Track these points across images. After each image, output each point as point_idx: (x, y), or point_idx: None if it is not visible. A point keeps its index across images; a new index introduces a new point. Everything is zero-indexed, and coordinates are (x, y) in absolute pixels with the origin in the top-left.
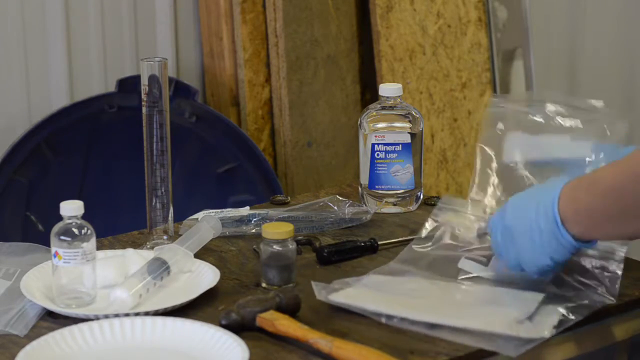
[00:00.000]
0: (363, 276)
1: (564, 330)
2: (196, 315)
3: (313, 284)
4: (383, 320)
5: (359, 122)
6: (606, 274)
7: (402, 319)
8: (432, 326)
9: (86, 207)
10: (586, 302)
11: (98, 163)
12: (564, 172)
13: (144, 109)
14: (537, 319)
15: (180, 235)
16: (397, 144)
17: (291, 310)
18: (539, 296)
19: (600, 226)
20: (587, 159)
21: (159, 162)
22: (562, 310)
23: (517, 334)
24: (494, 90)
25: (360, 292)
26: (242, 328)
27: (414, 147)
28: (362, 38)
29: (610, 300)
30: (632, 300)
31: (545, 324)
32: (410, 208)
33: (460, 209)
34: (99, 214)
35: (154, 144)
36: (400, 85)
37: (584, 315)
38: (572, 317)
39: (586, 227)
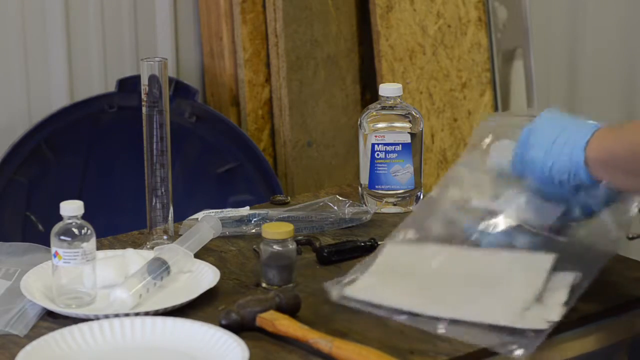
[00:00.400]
0: (382, 250)
1: (564, 330)
2: (196, 315)
3: (325, 285)
4: (395, 316)
5: (359, 122)
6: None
7: (413, 315)
8: (438, 320)
9: (86, 207)
10: (594, 254)
11: (98, 163)
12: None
13: (144, 109)
14: (546, 297)
15: (180, 235)
16: (397, 144)
17: (291, 310)
18: (549, 262)
19: (613, 172)
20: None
21: (159, 162)
22: (570, 278)
23: (528, 326)
24: (494, 90)
25: (374, 283)
26: (242, 328)
27: (414, 147)
28: (362, 38)
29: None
30: (632, 300)
31: (555, 304)
32: (410, 208)
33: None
34: (99, 214)
35: (154, 144)
36: (400, 85)
37: (594, 274)
38: (584, 282)
39: (602, 167)
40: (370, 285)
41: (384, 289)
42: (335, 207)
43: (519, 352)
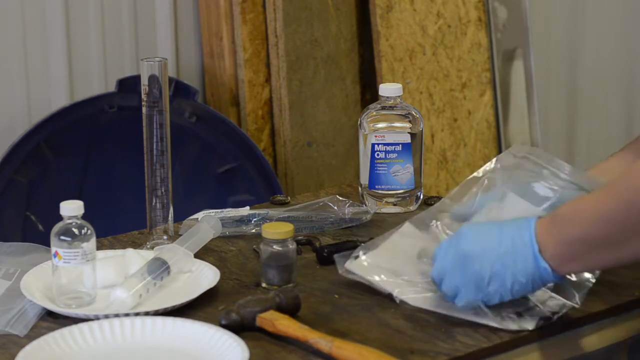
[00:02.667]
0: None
1: (563, 330)
2: (196, 315)
3: (335, 257)
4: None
5: (359, 122)
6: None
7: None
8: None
9: (86, 207)
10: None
11: (98, 163)
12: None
13: (144, 109)
14: (527, 313)
15: (180, 235)
16: (397, 144)
17: (291, 310)
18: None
19: (584, 256)
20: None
21: (159, 162)
22: (559, 302)
23: (500, 326)
24: (494, 90)
25: (376, 263)
26: (242, 328)
27: (414, 147)
28: (362, 38)
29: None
30: (632, 300)
31: (534, 317)
32: (410, 208)
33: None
34: (99, 214)
35: (154, 144)
36: (400, 85)
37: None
38: (571, 302)
39: (567, 259)
40: (369, 265)
41: (379, 273)
42: (335, 207)
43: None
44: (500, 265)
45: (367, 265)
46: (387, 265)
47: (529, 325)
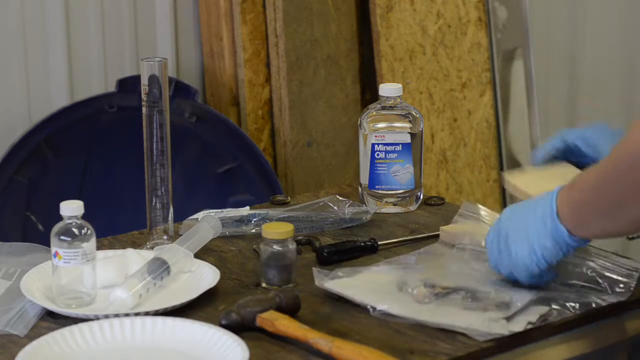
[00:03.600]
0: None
1: (563, 330)
2: (196, 315)
3: (314, 270)
4: (370, 310)
5: (359, 122)
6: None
7: (385, 313)
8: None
9: (86, 207)
10: (583, 300)
11: (98, 163)
12: None
13: (144, 109)
14: (515, 318)
15: (180, 235)
16: (397, 144)
17: (291, 310)
18: (527, 297)
19: (590, 222)
20: None
21: (159, 162)
22: (546, 308)
23: (488, 330)
24: (494, 90)
25: (355, 282)
26: (242, 328)
27: (414, 147)
28: (362, 38)
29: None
30: (632, 300)
31: (521, 322)
32: (410, 208)
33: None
34: (99, 214)
35: (154, 144)
36: (400, 85)
37: (570, 312)
38: (555, 312)
39: (578, 223)
40: (349, 284)
41: (358, 290)
42: (335, 207)
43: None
44: (525, 233)
45: (345, 283)
46: (365, 287)
47: (517, 327)
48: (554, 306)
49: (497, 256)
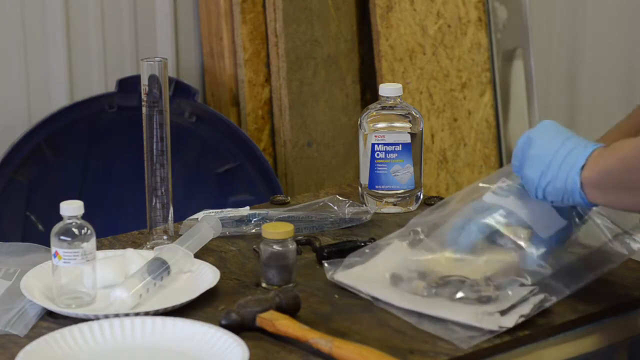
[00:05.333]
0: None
1: (563, 330)
2: (196, 315)
3: (324, 263)
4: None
5: (359, 122)
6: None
7: (386, 303)
8: (406, 312)
9: (86, 207)
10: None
11: (98, 163)
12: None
13: (144, 109)
14: (509, 312)
15: (180, 235)
16: (397, 144)
17: (291, 310)
18: (522, 291)
19: (607, 189)
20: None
21: (159, 162)
22: (540, 297)
23: (480, 325)
24: (494, 90)
25: (362, 274)
26: (242, 328)
27: (414, 147)
28: (362, 38)
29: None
30: (632, 300)
31: (514, 315)
32: (410, 208)
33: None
34: (99, 214)
35: (154, 144)
36: (400, 85)
37: (564, 294)
38: (553, 297)
39: (594, 185)
40: (359, 276)
41: (367, 282)
42: (335, 207)
43: (470, 342)
44: (554, 158)
45: (353, 275)
46: (371, 279)
47: (509, 322)
48: (549, 295)
49: (518, 159)
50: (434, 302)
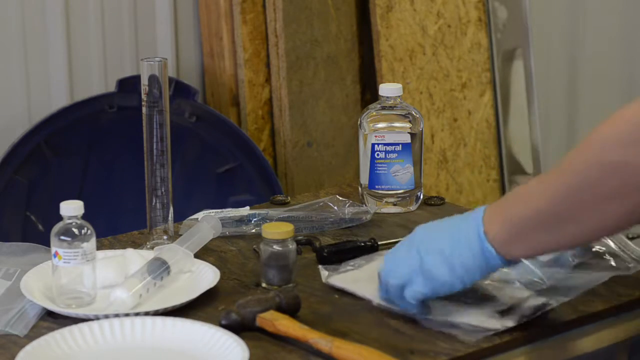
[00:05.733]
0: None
1: (563, 330)
2: (196, 315)
3: (320, 267)
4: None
5: (359, 122)
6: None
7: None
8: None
9: (86, 207)
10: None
11: (98, 163)
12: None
13: (144, 109)
14: (510, 313)
15: (180, 235)
16: (397, 144)
17: (291, 310)
18: (525, 292)
19: (529, 235)
20: None
21: (159, 162)
22: (542, 299)
23: (481, 325)
24: (494, 90)
25: (358, 276)
26: (242, 328)
27: (414, 147)
28: (362, 38)
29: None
30: (632, 300)
31: (515, 316)
32: (410, 208)
33: None
34: (99, 214)
35: (154, 144)
36: (400, 85)
37: (568, 297)
38: (552, 302)
39: (512, 238)
40: (355, 278)
41: (363, 284)
42: (335, 207)
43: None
44: (448, 249)
45: (350, 277)
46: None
47: (510, 322)
48: (549, 300)
49: (398, 262)
50: (432, 304)
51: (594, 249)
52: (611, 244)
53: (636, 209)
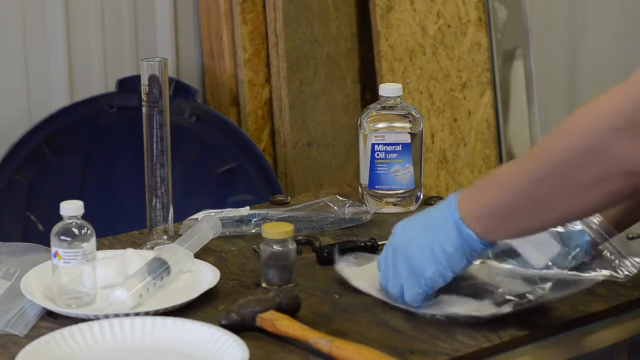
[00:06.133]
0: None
1: (564, 330)
2: (196, 315)
3: (336, 258)
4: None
5: (359, 122)
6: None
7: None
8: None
9: (86, 207)
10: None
11: (98, 163)
12: None
13: (144, 109)
14: (505, 304)
15: (180, 235)
16: (397, 144)
17: (291, 310)
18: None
19: (509, 220)
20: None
21: (159, 162)
22: (540, 292)
23: (479, 314)
24: (494, 90)
25: (364, 271)
26: (242, 328)
27: (414, 147)
28: (362, 38)
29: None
30: (632, 300)
31: (510, 304)
32: (410, 208)
33: None
34: (99, 214)
35: (154, 144)
36: (400, 85)
37: (563, 292)
38: (549, 296)
39: (492, 223)
40: (355, 275)
41: (363, 279)
42: (335, 207)
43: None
44: (427, 242)
45: (357, 272)
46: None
47: (506, 309)
48: (546, 293)
49: (390, 269)
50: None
51: (594, 251)
52: (611, 246)
53: (617, 192)
